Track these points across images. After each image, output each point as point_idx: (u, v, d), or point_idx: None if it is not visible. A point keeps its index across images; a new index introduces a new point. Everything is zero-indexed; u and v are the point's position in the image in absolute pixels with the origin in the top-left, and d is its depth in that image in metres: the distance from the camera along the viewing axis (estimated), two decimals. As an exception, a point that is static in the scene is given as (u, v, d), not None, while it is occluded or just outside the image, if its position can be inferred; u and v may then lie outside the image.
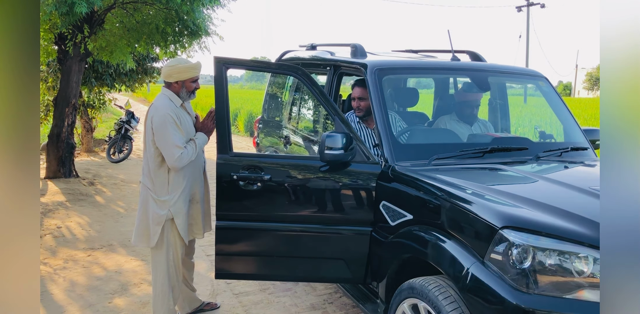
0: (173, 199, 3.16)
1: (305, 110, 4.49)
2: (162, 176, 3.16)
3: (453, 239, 2.34)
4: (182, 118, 3.18)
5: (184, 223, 3.23)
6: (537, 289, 2.03)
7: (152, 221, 3.16)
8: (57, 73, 9.32)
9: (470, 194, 2.39)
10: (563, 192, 2.45)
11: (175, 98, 3.21)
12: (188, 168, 3.21)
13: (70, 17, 5.46)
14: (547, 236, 2.07)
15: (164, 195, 3.16)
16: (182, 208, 3.20)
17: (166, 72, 3.20)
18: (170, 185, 3.17)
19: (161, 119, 3.07)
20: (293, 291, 4.08)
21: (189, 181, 3.23)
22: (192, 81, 3.23)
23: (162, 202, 3.16)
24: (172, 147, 3.05)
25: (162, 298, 3.31)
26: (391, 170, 2.87)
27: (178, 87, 3.21)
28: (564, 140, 3.59)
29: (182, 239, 3.26)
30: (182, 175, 3.19)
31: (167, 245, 3.24)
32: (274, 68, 3.73)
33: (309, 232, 3.01)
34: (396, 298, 2.59)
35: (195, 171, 3.29)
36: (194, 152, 3.15)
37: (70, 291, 4.02)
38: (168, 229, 3.21)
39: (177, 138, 3.07)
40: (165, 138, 3.05)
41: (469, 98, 3.65)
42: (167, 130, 3.06)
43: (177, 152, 3.05)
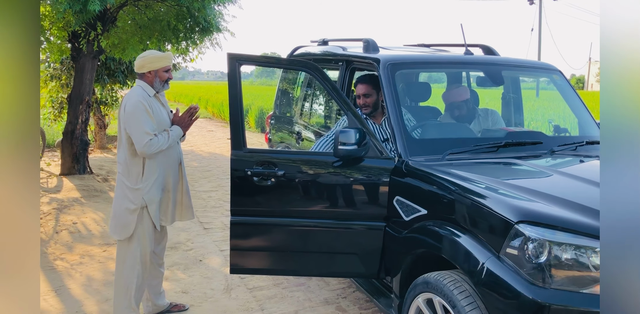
0: (147, 187, 3.22)
1: (317, 105, 4.49)
2: (137, 165, 3.22)
3: (468, 234, 2.34)
4: (154, 107, 3.24)
5: (157, 211, 3.28)
6: (553, 283, 2.02)
7: (127, 210, 3.22)
8: (71, 70, 9.39)
9: (484, 189, 2.38)
10: (579, 186, 2.44)
11: (149, 89, 3.27)
12: (161, 158, 3.27)
13: (83, 15, 5.50)
14: (563, 230, 2.06)
15: (138, 183, 3.22)
16: (155, 196, 3.25)
17: (138, 64, 3.27)
18: (145, 174, 3.22)
19: (133, 106, 3.14)
20: (306, 286, 4.11)
21: (162, 171, 3.28)
22: (164, 71, 3.29)
23: (136, 190, 3.21)
24: (142, 132, 3.10)
25: (124, 294, 3.29)
26: (405, 165, 2.87)
27: (151, 76, 3.27)
28: (578, 134, 3.56)
29: (152, 230, 3.31)
30: (155, 164, 3.24)
31: (136, 236, 3.26)
32: (286, 64, 3.73)
33: (323, 227, 3.02)
34: (410, 292, 2.60)
35: (169, 162, 3.33)
36: (165, 142, 3.19)
37: (87, 286, 4.07)
38: (139, 218, 3.25)
39: (147, 124, 3.13)
40: (135, 124, 3.12)
41: (451, 100, 3.66)
42: (137, 117, 3.12)
43: (146, 138, 3.11)
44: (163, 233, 3.54)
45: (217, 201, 6.93)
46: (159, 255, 3.55)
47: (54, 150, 10.39)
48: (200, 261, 4.66)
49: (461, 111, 3.67)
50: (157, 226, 3.32)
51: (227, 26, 7.69)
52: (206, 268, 4.50)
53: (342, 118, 3.56)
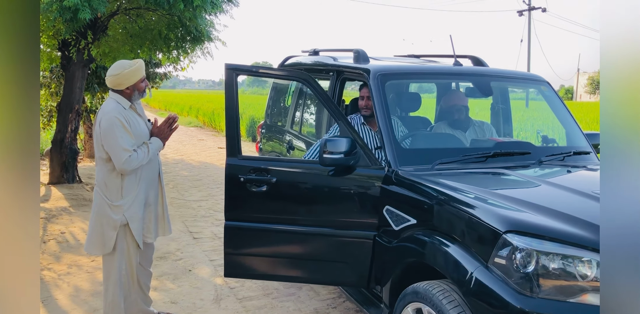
0: (127, 203, 3.14)
1: (308, 115, 4.51)
2: (115, 181, 3.13)
3: (457, 243, 2.35)
4: (131, 120, 3.15)
5: (139, 228, 3.21)
6: (541, 293, 2.04)
7: (107, 226, 3.14)
8: (60, 79, 9.36)
9: (473, 198, 2.40)
10: (566, 196, 2.46)
11: (124, 101, 3.17)
12: (142, 172, 3.19)
13: (74, 23, 5.50)
14: (550, 240, 2.08)
15: (118, 199, 3.13)
16: (137, 213, 3.18)
17: (114, 82, 3.13)
18: (124, 190, 3.14)
19: (108, 122, 3.05)
20: (297, 296, 4.09)
21: (143, 185, 3.21)
22: (141, 81, 3.20)
23: (116, 207, 3.13)
24: (120, 150, 3.02)
25: (112, 308, 3.25)
26: (394, 174, 2.89)
27: (130, 91, 3.17)
28: (566, 145, 3.60)
29: (136, 244, 3.24)
30: (135, 179, 3.17)
31: (120, 251, 3.20)
32: (282, 75, 3.76)
33: (314, 235, 3.03)
34: (400, 302, 2.60)
35: (150, 175, 3.26)
36: (145, 156, 3.12)
37: (75, 296, 4.03)
38: (122, 234, 3.18)
39: (124, 141, 3.04)
40: (112, 142, 3.03)
41: (452, 103, 3.69)
42: (114, 133, 3.03)
43: (124, 155, 3.03)
44: (150, 246, 3.50)
45: (207, 210, 6.90)
46: (145, 266, 3.50)
47: (42, 159, 10.31)
48: (189, 271, 4.63)
49: (460, 115, 3.69)
50: (140, 245, 3.25)
51: (218, 35, 7.72)
52: (195, 278, 4.47)
53: (334, 126, 3.57)
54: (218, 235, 5.73)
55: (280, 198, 3.06)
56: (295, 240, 3.07)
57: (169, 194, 7.86)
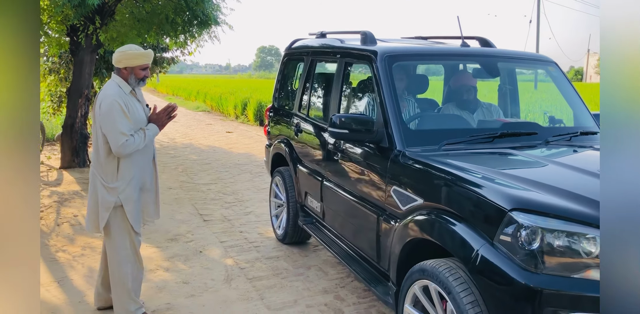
0: (122, 186, 3.18)
1: (316, 98, 4.52)
2: (111, 164, 3.18)
3: (463, 222, 2.39)
4: (130, 105, 3.18)
5: (134, 210, 3.24)
6: (545, 269, 2.08)
7: (102, 207, 3.19)
8: (69, 64, 9.41)
9: (479, 178, 2.43)
10: (571, 175, 2.48)
11: (125, 85, 3.20)
12: (138, 157, 3.23)
13: (82, 8, 5.52)
14: (555, 217, 2.11)
15: (113, 182, 3.18)
16: (132, 195, 3.21)
17: (116, 58, 3.19)
18: (120, 173, 3.19)
19: (108, 106, 3.08)
20: (305, 276, 4.17)
21: (138, 170, 3.25)
22: (141, 68, 3.21)
23: (111, 189, 3.18)
24: (117, 133, 3.06)
25: (121, 288, 3.31)
26: (402, 155, 2.92)
27: (127, 73, 3.19)
28: (573, 125, 3.61)
29: (131, 226, 3.27)
30: (131, 163, 3.20)
31: (119, 232, 3.25)
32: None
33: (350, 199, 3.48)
34: (407, 280, 2.65)
35: (145, 160, 3.30)
36: (141, 141, 3.15)
37: (89, 277, 4.12)
38: (118, 216, 3.22)
39: (122, 125, 3.08)
40: (111, 125, 3.07)
41: (461, 83, 3.70)
42: (113, 117, 3.07)
43: (121, 139, 3.06)
44: None
45: (216, 193, 6.98)
46: None
47: (53, 144, 10.42)
48: (200, 252, 4.72)
49: (469, 95, 3.70)
50: (135, 228, 3.28)
51: (225, 19, 7.73)
52: (206, 259, 4.55)
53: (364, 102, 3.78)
54: (228, 217, 5.81)
55: (334, 161, 3.81)
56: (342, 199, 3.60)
57: (179, 178, 7.95)
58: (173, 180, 7.78)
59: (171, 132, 14.04)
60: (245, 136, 13.22)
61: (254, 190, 7.15)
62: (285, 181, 4.74)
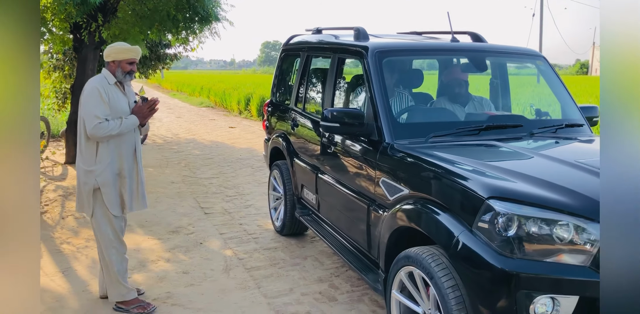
0: (99, 169, 3.34)
1: (311, 92, 4.63)
2: (91, 148, 3.36)
3: (445, 210, 2.50)
4: (111, 94, 3.35)
5: (111, 194, 3.38)
6: (520, 254, 2.18)
7: (83, 190, 3.38)
8: (73, 61, 9.54)
9: (461, 168, 2.54)
10: (549, 165, 2.59)
11: (110, 77, 3.39)
12: (116, 144, 3.38)
13: (84, 6, 5.64)
14: (530, 205, 2.22)
15: (92, 165, 3.35)
16: (108, 179, 3.36)
17: (106, 52, 3.41)
18: (98, 157, 3.35)
19: (88, 91, 3.31)
20: (302, 266, 4.29)
21: (115, 156, 3.39)
22: (127, 62, 3.39)
23: (89, 172, 3.35)
24: (92, 116, 3.24)
25: (108, 273, 3.47)
26: (390, 147, 3.03)
27: (114, 66, 3.39)
28: (561, 117, 3.70)
29: (114, 211, 3.40)
30: (108, 149, 3.35)
31: (100, 217, 3.40)
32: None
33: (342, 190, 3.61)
34: (394, 266, 2.77)
35: (124, 149, 3.42)
36: (115, 127, 3.29)
37: (92, 268, 4.26)
38: (98, 200, 3.38)
39: (97, 108, 3.26)
40: (86, 108, 3.27)
41: (452, 77, 3.80)
42: (89, 101, 3.27)
43: (94, 121, 3.23)
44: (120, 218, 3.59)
45: (217, 187, 7.11)
46: None
47: (58, 140, 10.57)
48: (200, 244, 4.85)
49: (461, 89, 3.81)
50: (112, 211, 3.40)
51: (225, 15, 7.82)
52: (206, 250, 4.68)
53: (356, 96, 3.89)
54: (228, 210, 5.94)
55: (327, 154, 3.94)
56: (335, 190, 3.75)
57: (182, 172, 8.08)
58: (176, 175, 7.91)
59: (175, 127, 14.19)
60: (248, 131, 13.34)
61: (254, 184, 7.27)
62: (282, 174, 4.86)
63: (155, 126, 14.00)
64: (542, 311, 2.16)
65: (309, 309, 3.55)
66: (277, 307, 3.57)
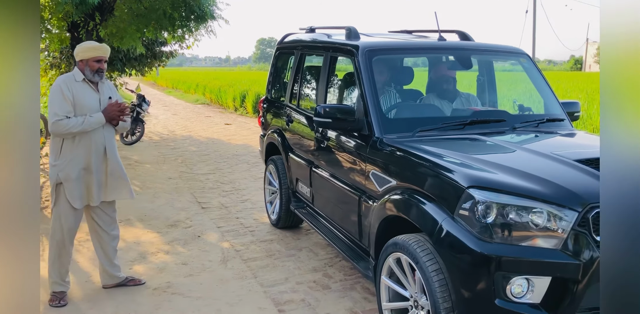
0: (62, 164, 3.45)
1: (305, 89, 4.79)
2: (56, 143, 3.49)
3: (429, 199, 2.66)
4: (77, 92, 3.43)
5: (73, 188, 3.48)
6: (498, 239, 2.35)
7: (51, 184, 3.52)
8: (70, 59, 9.66)
9: (444, 160, 2.71)
10: (527, 157, 2.76)
11: (78, 74, 3.48)
12: (84, 140, 3.46)
13: (83, 6, 5.78)
14: (507, 193, 2.39)
15: (55, 160, 3.48)
16: (70, 174, 3.45)
17: (75, 51, 3.53)
18: (61, 152, 3.46)
19: (52, 89, 3.44)
20: (297, 257, 4.46)
21: (82, 152, 3.46)
22: (94, 60, 3.45)
23: (53, 167, 3.48)
24: (52, 113, 3.35)
25: (50, 264, 3.63)
26: (379, 141, 3.19)
27: (82, 65, 3.47)
28: (544, 113, 3.87)
29: (69, 206, 3.51)
30: (73, 145, 3.45)
31: (58, 211, 3.53)
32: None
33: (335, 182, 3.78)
34: (383, 253, 2.94)
35: (93, 145, 3.49)
36: (77, 125, 3.35)
37: (94, 260, 4.39)
38: (61, 194, 3.50)
39: (57, 106, 3.36)
40: (49, 105, 3.39)
41: (440, 74, 3.97)
42: (52, 98, 3.40)
43: (53, 118, 3.34)
44: (108, 208, 3.72)
45: (214, 183, 7.26)
46: (105, 229, 3.75)
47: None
48: (198, 236, 5.00)
49: (448, 86, 3.97)
50: (74, 204, 3.50)
51: (221, 14, 7.97)
52: (204, 242, 4.84)
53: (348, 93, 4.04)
54: (225, 205, 6.09)
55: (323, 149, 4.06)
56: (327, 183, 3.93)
57: (178, 168, 8.23)
58: (173, 171, 8.06)
59: (171, 124, 14.31)
60: (244, 128, 13.49)
61: (250, 179, 7.43)
62: (278, 169, 5.02)
63: (151, 123, 14.13)
64: (518, 291, 2.33)
65: (304, 296, 3.71)
66: (273, 295, 3.74)
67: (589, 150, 2.84)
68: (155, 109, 18.61)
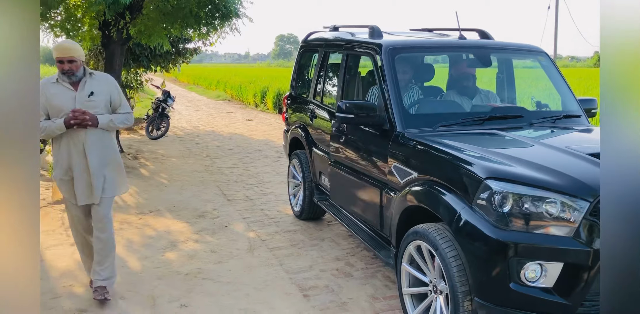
0: (54, 165, 3.58)
1: (328, 86, 4.96)
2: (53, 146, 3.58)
3: (448, 190, 2.83)
4: (51, 92, 3.38)
5: (63, 186, 3.54)
6: (513, 227, 2.51)
7: None
8: (98, 56, 9.96)
9: (463, 153, 2.87)
10: (543, 151, 2.91)
11: (56, 74, 3.43)
12: (63, 144, 3.46)
13: (115, 5, 6.02)
14: (523, 184, 2.54)
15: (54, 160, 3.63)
16: (57, 174, 3.53)
17: None
18: (52, 153, 3.61)
19: None
20: (320, 246, 4.65)
21: (63, 152, 3.47)
22: (57, 61, 3.34)
23: (53, 165, 3.66)
24: None
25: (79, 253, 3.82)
26: (401, 136, 3.36)
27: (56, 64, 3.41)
28: (561, 109, 4.00)
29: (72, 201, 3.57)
30: (56, 145, 3.49)
31: (66, 202, 3.65)
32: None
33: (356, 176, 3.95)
34: (404, 242, 3.11)
35: (71, 145, 3.44)
36: (42, 130, 3.31)
37: (129, 247, 4.66)
38: (62, 189, 3.60)
39: None
40: None
41: (460, 71, 4.12)
42: None
43: None
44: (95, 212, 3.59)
45: (238, 176, 7.49)
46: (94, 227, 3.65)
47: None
48: (225, 226, 5.23)
49: (468, 83, 4.12)
50: (70, 200, 3.56)
51: (245, 12, 8.15)
52: (231, 232, 5.06)
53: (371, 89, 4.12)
54: (250, 197, 6.31)
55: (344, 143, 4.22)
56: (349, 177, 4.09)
57: (204, 162, 8.48)
58: (198, 164, 8.31)
59: (194, 120, 14.61)
60: (265, 123, 13.72)
61: (273, 173, 7.64)
62: (301, 162, 5.21)
63: (175, 118, 14.43)
64: (532, 276, 2.49)
65: (327, 283, 3.91)
66: (298, 281, 3.94)
67: (602, 145, 2.97)
68: (178, 105, 18.93)
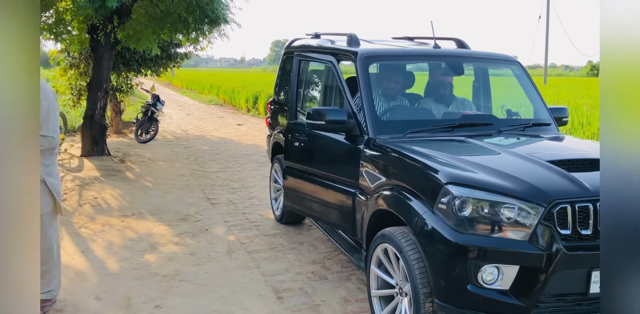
0: None
1: (307, 92, 5.05)
2: None
3: (413, 195, 2.92)
4: None
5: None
6: (472, 230, 2.60)
7: None
8: (89, 59, 10.02)
9: (428, 159, 2.96)
10: (505, 157, 3.01)
11: None
12: None
13: (102, 10, 6.10)
14: (482, 190, 2.63)
15: None
16: None
17: None
18: None
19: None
20: (298, 250, 4.72)
21: None
22: None
23: None
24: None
25: None
26: (372, 142, 3.45)
27: None
28: (533, 117, 4.10)
29: None
30: None
31: None
32: None
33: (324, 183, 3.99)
34: (372, 245, 3.19)
35: None
36: None
37: (108, 249, 4.71)
38: None
39: None
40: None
41: (436, 79, 4.23)
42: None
43: None
44: None
45: (224, 180, 7.56)
46: None
47: (74, 134, 11.09)
48: (206, 230, 5.29)
49: (445, 91, 4.22)
50: None
51: (234, 18, 8.26)
52: (211, 235, 5.12)
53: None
54: (233, 201, 6.38)
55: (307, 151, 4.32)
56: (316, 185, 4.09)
57: (190, 166, 8.55)
58: (185, 168, 8.37)
59: (184, 124, 14.67)
60: (255, 128, 13.80)
61: (259, 178, 7.71)
62: (282, 167, 5.28)
63: (165, 122, 14.49)
64: (489, 278, 2.58)
65: (302, 285, 3.98)
66: (273, 284, 4.01)
67: (563, 152, 3.08)
68: (170, 109, 19.01)
